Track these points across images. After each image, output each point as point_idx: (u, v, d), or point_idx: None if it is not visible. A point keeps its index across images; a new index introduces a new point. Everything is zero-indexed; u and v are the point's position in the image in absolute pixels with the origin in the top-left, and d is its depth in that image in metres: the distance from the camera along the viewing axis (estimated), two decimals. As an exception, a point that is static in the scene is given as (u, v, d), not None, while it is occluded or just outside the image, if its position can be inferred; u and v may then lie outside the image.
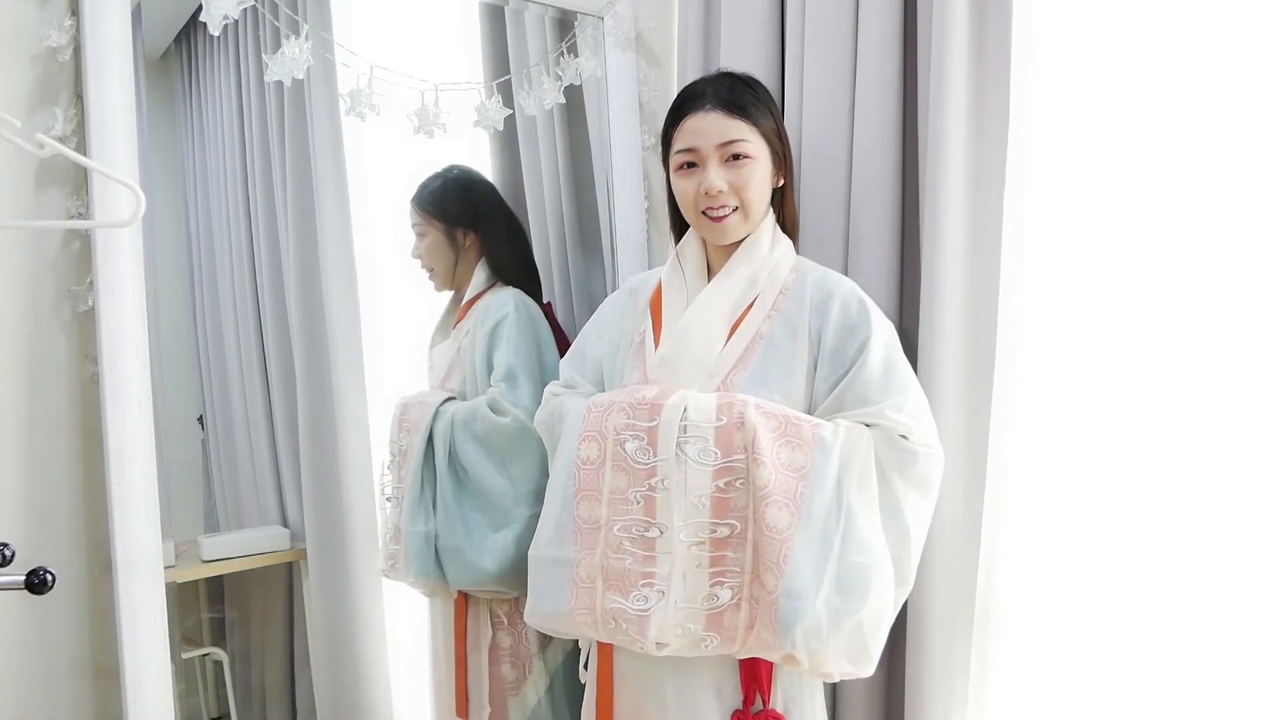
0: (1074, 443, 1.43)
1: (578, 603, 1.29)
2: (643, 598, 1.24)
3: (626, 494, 1.27)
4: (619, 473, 1.28)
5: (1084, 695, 1.42)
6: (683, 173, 1.39)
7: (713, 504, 1.24)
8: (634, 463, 1.27)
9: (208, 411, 1.69)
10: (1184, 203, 1.31)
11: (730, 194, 1.35)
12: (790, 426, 1.26)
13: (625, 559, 1.25)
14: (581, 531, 1.30)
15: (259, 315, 1.71)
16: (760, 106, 1.38)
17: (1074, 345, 1.43)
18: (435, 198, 1.77)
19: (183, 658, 1.46)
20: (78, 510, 1.39)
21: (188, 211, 1.66)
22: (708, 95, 1.37)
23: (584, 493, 1.31)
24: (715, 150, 1.35)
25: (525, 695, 1.75)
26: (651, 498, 1.25)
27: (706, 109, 1.36)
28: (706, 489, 1.24)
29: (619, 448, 1.28)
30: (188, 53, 1.66)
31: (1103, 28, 1.39)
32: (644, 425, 1.27)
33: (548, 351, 1.77)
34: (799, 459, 1.24)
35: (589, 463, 1.31)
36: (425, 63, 1.73)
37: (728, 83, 1.40)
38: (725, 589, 1.24)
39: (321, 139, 1.70)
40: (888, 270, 1.58)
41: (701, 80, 1.43)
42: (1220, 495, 1.29)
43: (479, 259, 1.79)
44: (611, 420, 1.30)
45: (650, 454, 1.26)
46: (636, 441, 1.27)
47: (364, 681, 1.75)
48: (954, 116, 1.44)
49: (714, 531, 1.24)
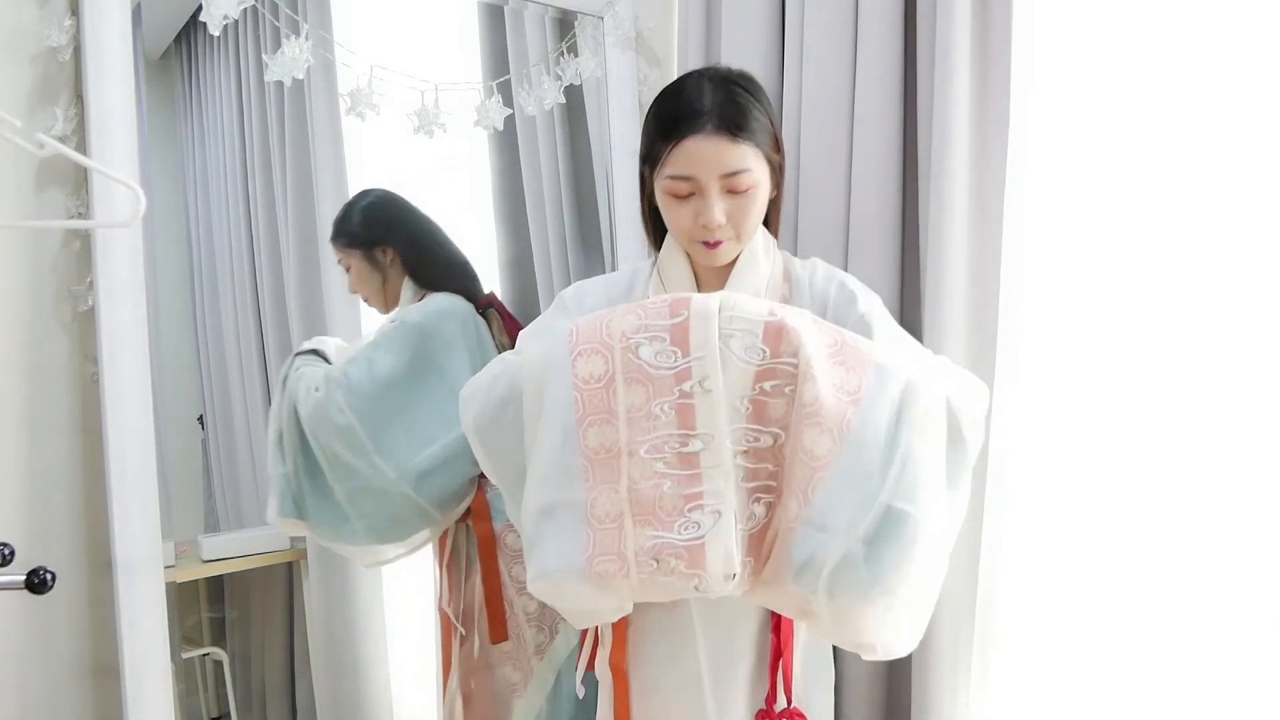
0: (1074, 440, 1.44)
1: (598, 548, 1.06)
2: (693, 524, 1.05)
3: (649, 408, 1.08)
4: (634, 385, 1.09)
5: (1085, 688, 1.43)
6: (677, 198, 1.25)
7: (753, 408, 1.08)
8: (654, 369, 1.08)
9: (208, 411, 1.69)
10: (1185, 205, 1.31)
11: (729, 225, 1.24)
12: (846, 348, 1.11)
13: (662, 483, 1.06)
14: (594, 464, 1.09)
15: (259, 315, 1.71)
16: (761, 119, 1.25)
17: (1074, 346, 1.44)
18: (343, 225, 1.70)
19: (183, 658, 1.46)
20: (78, 510, 1.39)
21: (188, 211, 1.66)
22: (707, 113, 1.20)
23: (591, 418, 1.10)
24: (716, 180, 1.22)
25: (530, 697, 1.70)
26: (688, 405, 1.07)
27: (707, 131, 1.20)
28: (748, 390, 1.08)
29: (630, 355, 1.09)
30: (188, 53, 1.66)
31: (1103, 29, 1.39)
32: (664, 324, 1.09)
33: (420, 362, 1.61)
34: (852, 381, 1.08)
35: (593, 381, 1.10)
36: (425, 62, 1.73)
37: (726, 94, 1.23)
38: (760, 505, 1.08)
39: (321, 139, 1.70)
40: (889, 271, 1.58)
41: (695, 85, 1.25)
42: (1220, 494, 1.29)
43: (404, 273, 1.71)
44: (617, 325, 1.11)
45: (676, 355, 1.08)
46: (655, 344, 1.09)
47: (364, 681, 1.75)
48: (957, 117, 1.44)
49: (755, 440, 1.09)
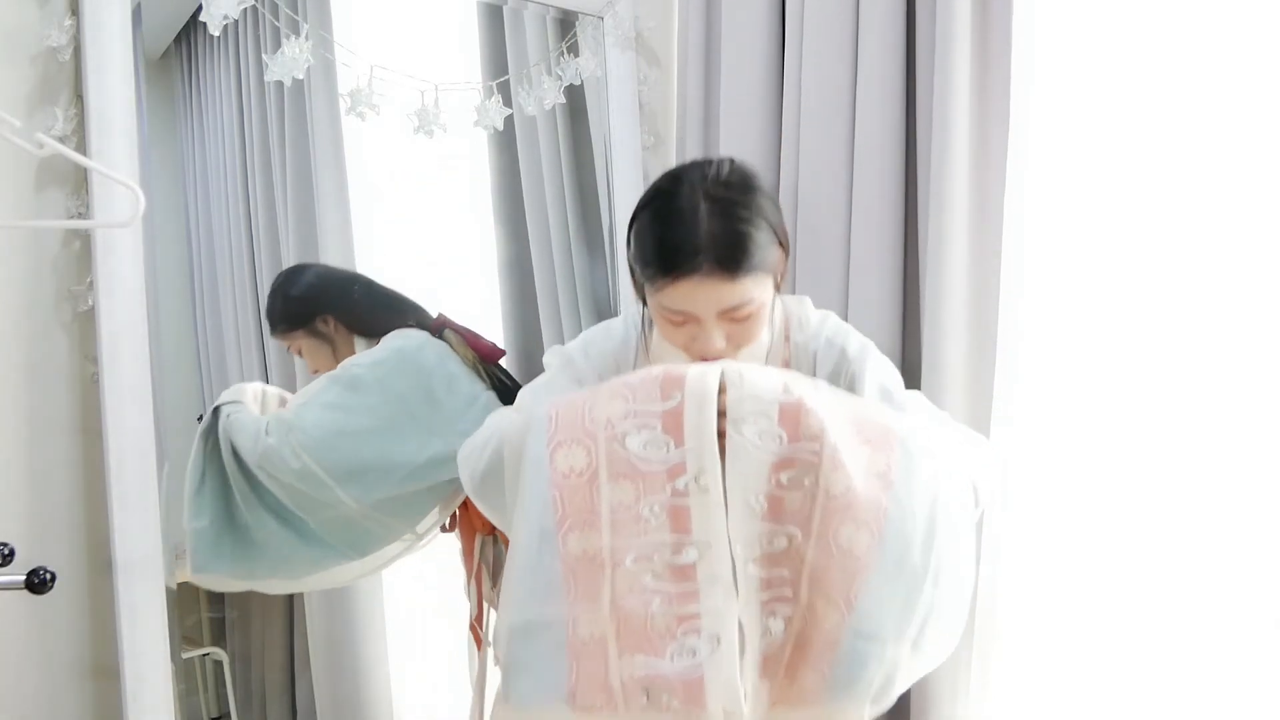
0: (1074, 440, 1.44)
1: (581, 678, 0.92)
2: (687, 650, 0.90)
3: (637, 509, 0.94)
4: (621, 482, 0.94)
5: (1085, 688, 1.42)
6: (673, 326, 1.10)
7: (769, 504, 0.94)
8: (644, 462, 0.94)
9: (208, 412, 1.69)
10: (1185, 204, 1.31)
11: (729, 345, 1.10)
12: (869, 422, 0.97)
13: (651, 600, 0.92)
14: (575, 575, 0.94)
15: (259, 315, 1.71)
16: (763, 236, 1.06)
17: (1075, 348, 1.44)
18: (276, 314, 1.66)
19: (183, 658, 1.46)
20: (78, 510, 1.39)
21: (188, 211, 1.66)
22: (704, 250, 1.03)
23: (572, 520, 0.95)
24: (714, 315, 1.07)
25: None
26: (681, 507, 0.93)
27: (704, 272, 1.03)
28: (763, 485, 0.94)
29: (616, 445, 0.95)
30: (188, 53, 1.66)
31: (1103, 29, 1.39)
32: (655, 409, 0.94)
33: (379, 399, 1.54)
34: (879, 460, 0.95)
35: (574, 475, 0.95)
36: (425, 63, 1.73)
37: (724, 221, 1.04)
38: (777, 619, 0.93)
39: (321, 139, 1.70)
40: (889, 271, 1.58)
41: (690, 206, 1.05)
42: (1220, 494, 1.29)
43: (351, 333, 1.67)
44: (601, 410, 0.97)
45: (668, 446, 0.94)
46: (645, 433, 0.94)
47: (364, 681, 1.75)
48: (957, 117, 1.43)
49: (770, 543, 0.94)
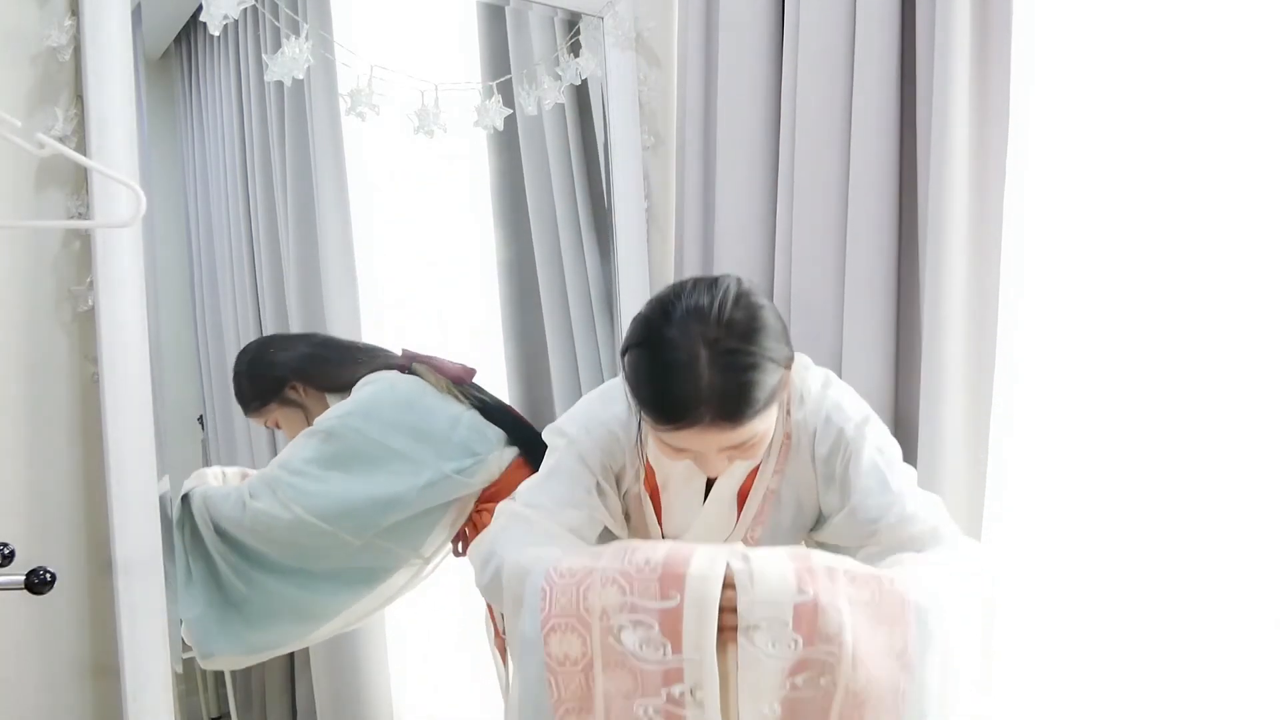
0: (1074, 440, 1.43)
1: None
2: None
3: (631, 707, 0.90)
4: (617, 672, 0.90)
5: (1086, 688, 1.42)
6: (674, 451, 1.06)
7: (783, 710, 0.89)
8: (640, 660, 0.89)
9: (208, 411, 1.69)
10: (1185, 204, 1.31)
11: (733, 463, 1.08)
12: (885, 597, 0.92)
13: None
14: None
15: (259, 315, 1.71)
16: (767, 378, 1.00)
17: (1075, 351, 1.43)
18: (245, 395, 1.66)
19: (183, 658, 1.46)
20: (78, 510, 1.39)
21: (188, 211, 1.66)
22: (705, 403, 0.97)
23: (567, 705, 0.92)
24: (716, 451, 1.04)
25: None
26: (677, 715, 0.89)
27: (706, 423, 0.98)
28: (777, 690, 0.88)
29: (611, 639, 0.90)
30: (188, 53, 1.66)
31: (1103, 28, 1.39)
32: (652, 606, 0.89)
33: (361, 445, 1.58)
34: (896, 639, 0.90)
35: (569, 663, 0.92)
36: (425, 63, 1.73)
37: (724, 372, 0.98)
38: None
39: (321, 139, 1.70)
40: (888, 271, 1.58)
41: (689, 357, 0.98)
42: (1221, 494, 1.29)
43: (321, 393, 1.68)
44: (596, 598, 0.92)
45: (665, 649, 0.88)
46: (641, 630, 0.89)
47: (364, 681, 1.75)
48: (957, 116, 1.43)
49: None
